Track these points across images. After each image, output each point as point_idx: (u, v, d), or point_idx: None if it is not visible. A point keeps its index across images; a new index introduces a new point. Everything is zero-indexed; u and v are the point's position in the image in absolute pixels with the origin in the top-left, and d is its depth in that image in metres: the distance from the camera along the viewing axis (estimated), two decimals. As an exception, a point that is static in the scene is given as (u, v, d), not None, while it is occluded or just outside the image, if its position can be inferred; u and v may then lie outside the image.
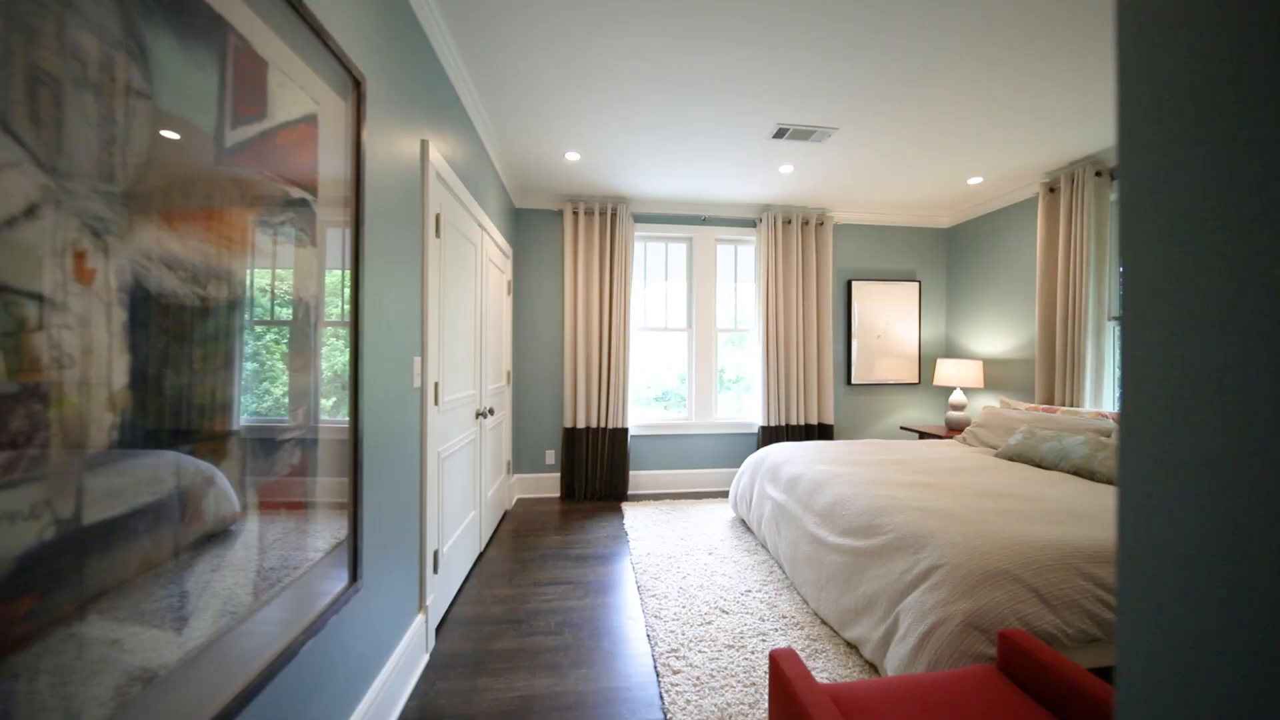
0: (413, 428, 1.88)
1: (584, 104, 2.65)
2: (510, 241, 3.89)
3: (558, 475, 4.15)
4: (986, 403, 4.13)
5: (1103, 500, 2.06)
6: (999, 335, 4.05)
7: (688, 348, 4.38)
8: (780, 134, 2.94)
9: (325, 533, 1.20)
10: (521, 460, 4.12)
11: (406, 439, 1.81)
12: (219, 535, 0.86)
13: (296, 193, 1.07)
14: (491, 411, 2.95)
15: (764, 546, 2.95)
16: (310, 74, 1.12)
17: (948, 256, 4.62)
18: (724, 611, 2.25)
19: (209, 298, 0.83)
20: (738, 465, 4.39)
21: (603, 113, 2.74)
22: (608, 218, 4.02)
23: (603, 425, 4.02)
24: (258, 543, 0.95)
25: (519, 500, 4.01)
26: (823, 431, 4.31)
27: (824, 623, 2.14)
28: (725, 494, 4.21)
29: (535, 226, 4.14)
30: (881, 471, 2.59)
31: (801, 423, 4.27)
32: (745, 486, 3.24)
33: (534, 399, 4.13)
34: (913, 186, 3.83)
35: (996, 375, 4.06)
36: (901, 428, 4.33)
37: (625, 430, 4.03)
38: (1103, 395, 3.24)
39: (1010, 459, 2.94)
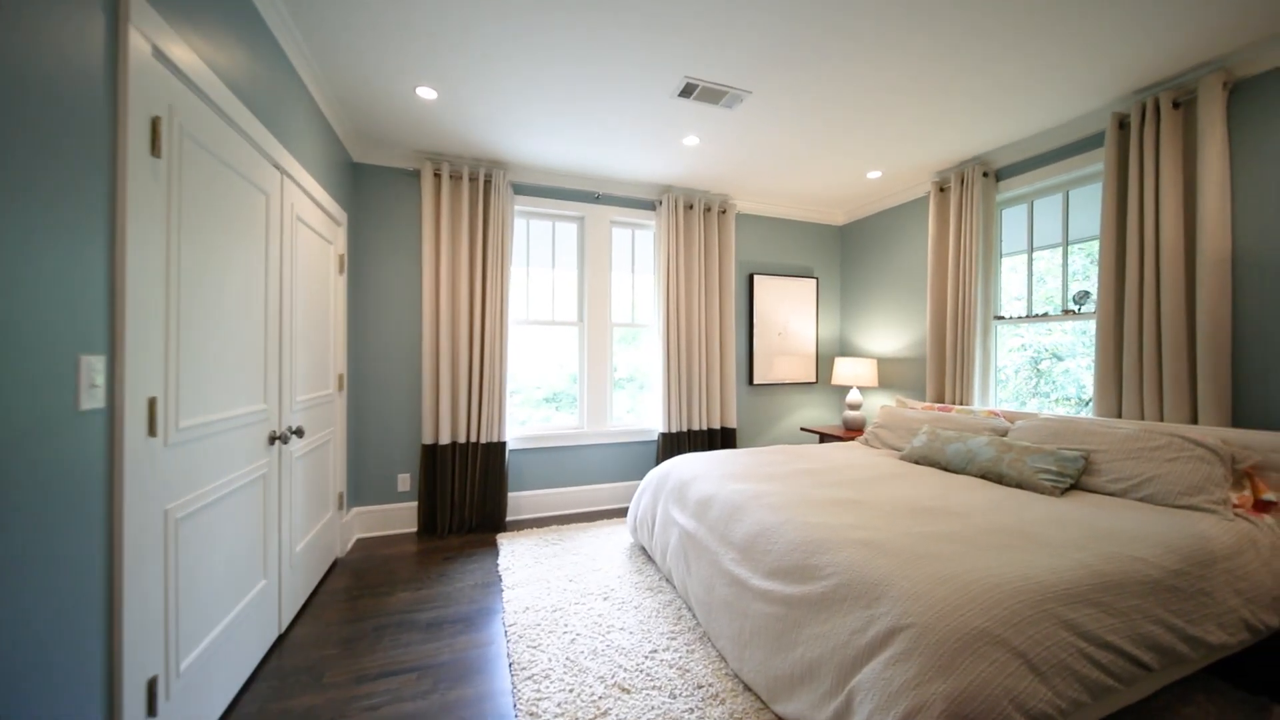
0: (86, 476, 1.06)
1: (439, 13, 1.93)
2: (345, 204, 2.97)
3: (414, 505, 3.31)
4: (880, 401, 4.13)
5: (1031, 511, 1.89)
6: (891, 334, 4.06)
7: (579, 344, 3.79)
8: (688, 92, 2.49)
9: None
10: (362, 490, 3.21)
11: (59, 497, 0.99)
12: None
13: None
14: (300, 432, 2.09)
15: (669, 582, 2.48)
16: None
17: (841, 254, 4.61)
18: (625, 690, 1.70)
19: None
20: (636, 478, 3.91)
21: (465, 31, 2.05)
22: (480, 185, 3.28)
23: (474, 440, 3.27)
24: None
25: (358, 542, 3.10)
26: (725, 437, 4.00)
27: (749, 689, 1.70)
28: (623, 512, 3.70)
29: (383, 189, 3.25)
30: (800, 487, 2.25)
31: (704, 428, 3.91)
32: (646, 509, 2.75)
33: (381, 410, 3.24)
34: (816, 176, 3.65)
35: (889, 374, 4.07)
36: (802, 429, 4.18)
37: (503, 445, 3.32)
38: (989, 393, 3.30)
39: (916, 462, 2.81)
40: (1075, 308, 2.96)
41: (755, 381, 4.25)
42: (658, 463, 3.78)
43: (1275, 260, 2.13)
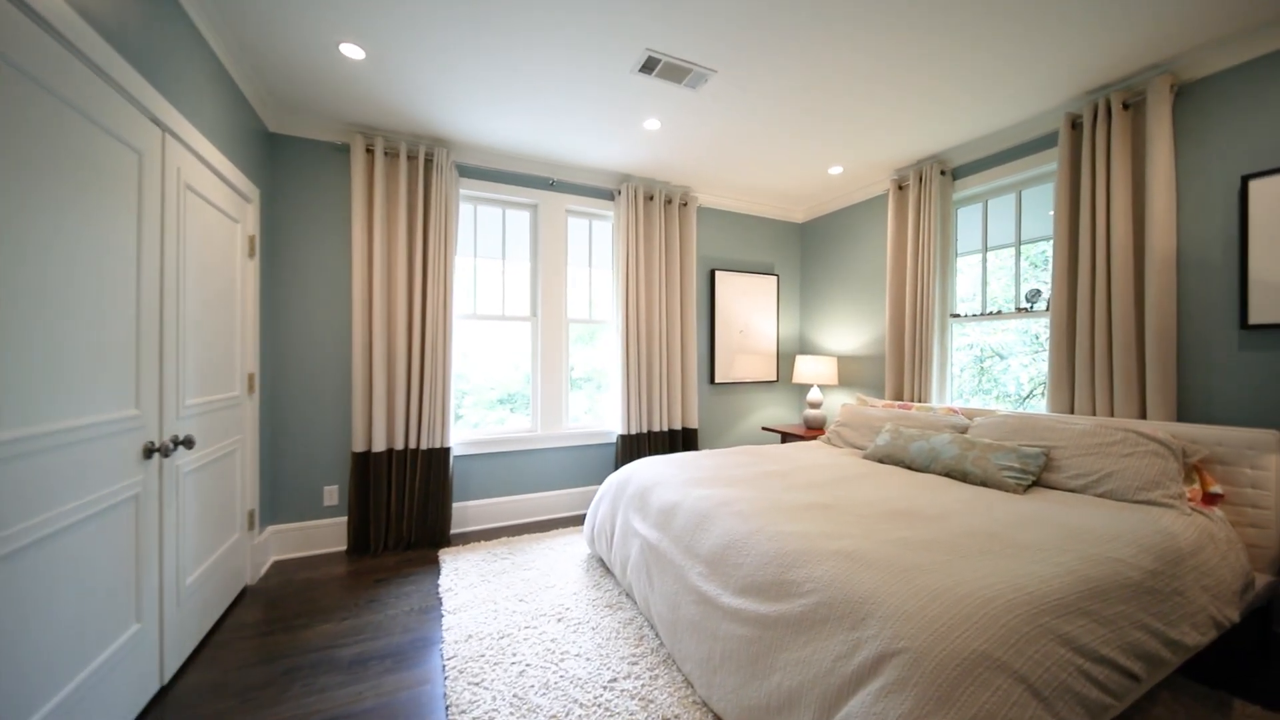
0: None
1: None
2: (257, 179, 2.60)
3: (343, 521, 2.95)
4: (840, 400, 4.11)
5: (1000, 511, 1.83)
6: (850, 332, 4.05)
7: (532, 341, 3.54)
8: (649, 67, 2.31)
9: None
10: (281, 506, 2.82)
11: None
12: None
13: None
14: (190, 442, 1.74)
15: (630, 597, 2.29)
16: None
17: (801, 251, 4.58)
18: (580, 730, 1.50)
19: None
20: (594, 483, 3.69)
21: (391, -27, 1.77)
22: (420, 164, 2.97)
23: (414, 446, 2.95)
24: None
25: (275, 566, 2.72)
26: (687, 438, 3.86)
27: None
28: (580, 519, 3.48)
29: (306, 164, 2.88)
30: (769, 491, 2.12)
31: (665, 429, 3.75)
32: (605, 517, 2.55)
33: (303, 414, 2.87)
34: (779, 170, 3.57)
35: (849, 372, 4.05)
36: (763, 428, 4.10)
37: (446, 451, 3.02)
38: (946, 391, 3.32)
39: (880, 461, 2.76)
40: (1028, 305, 3.01)
41: (717, 380, 4.13)
42: (617, 466, 3.59)
43: (1215, 260, 2.20)
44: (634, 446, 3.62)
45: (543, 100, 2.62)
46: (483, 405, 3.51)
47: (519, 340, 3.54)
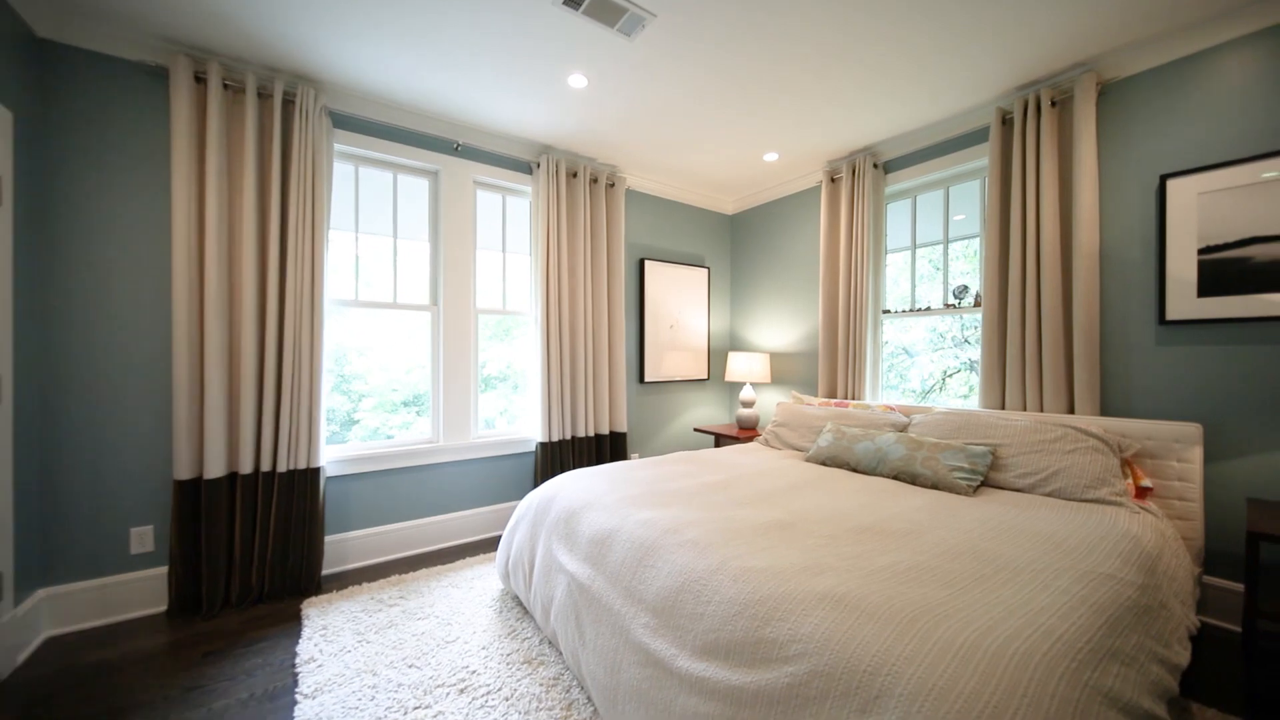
0: None
1: None
2: (8, 97, 1.81)
3: (163, 572, 2.21)
4: (773, 398, 3.97)
5: (963, 520, 1.67)
6: (783, 328, 3.92)
7: (433, 335, 2.96)
8: (576, 1, 1.89)
9: None
10: (59, 560, 2.03)
11: None
12: None
13: None
14: None
15: (554, 645, 1.87)
16: None
17: (732, 244, 4.39)
18: None
19: None
20: (510, 499, 3.20)
21: None
22: (276, 104, 2.30)
23: (269, 468, 2.29)
24: None
25: (48, 645, 1.94)
26: (615, 443, 3.49)
27: (675, 823, 1.18)
28: (494, 544, 2.97)
29: (97, 89, 2.10)
30: (719, 509, 1.80)
31: (591, 433, 3.35)
32: (522, 545, 2.10)
33: (96, 433, 2.09)
34: (714, 152, 3.31)
35: (781, 369, 3.92)
36: (695, 429, 3.85)
37: (316, 472, 2.38)
38: (879, 388, 3.26)
39: (823, 463, 2.58)
40: (955, 301, 3.01)
41: (646, 379, 3.81)
42: (537, 481, 3.12)
43: (1135, 256, 2.25)
44: (556, 456, 3.18)
45: (441, 36, 2.10)
46: (383, 408, 2.88)
47: (417, 333, 2.94)
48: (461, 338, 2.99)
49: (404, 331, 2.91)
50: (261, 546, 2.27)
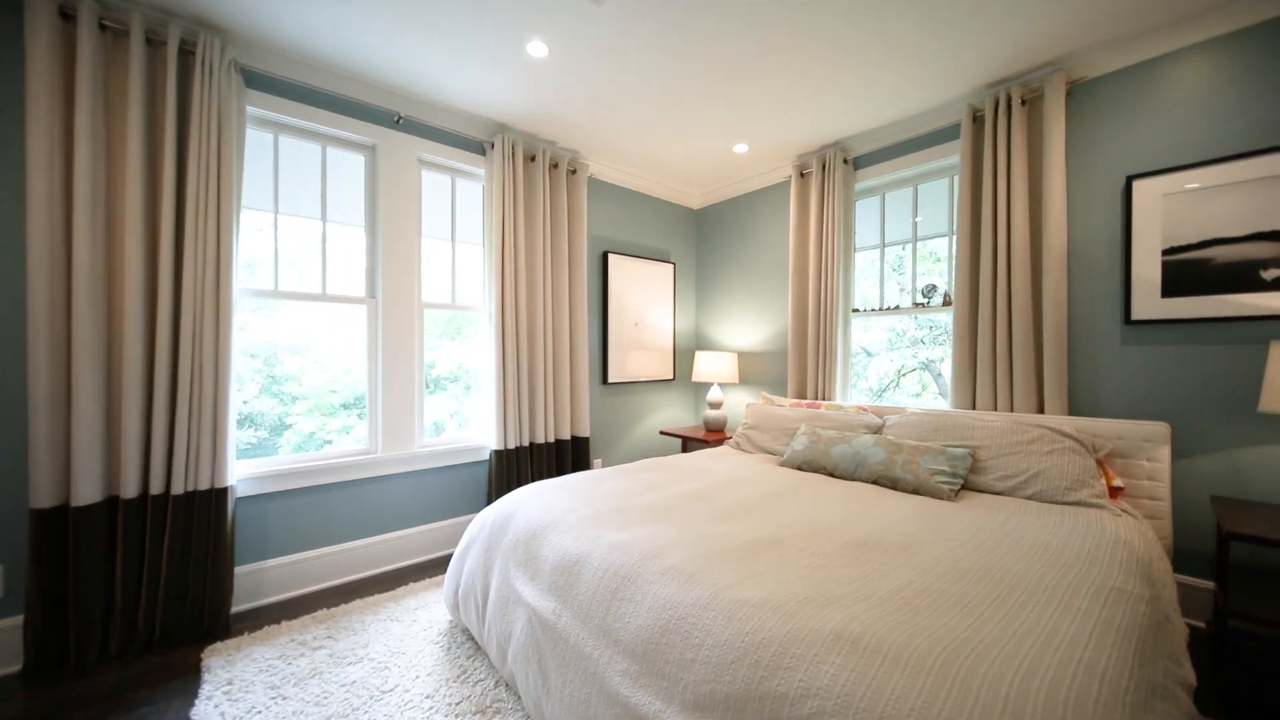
0: None
1: None
2: None
3: (17, 624, 1.79)
4: (741, 398, 3.85)
5: (954, 529, 1.57)
6: (751, 327, 3.81)
7: (370, 331, 2.62)
8: (535, -53, 1.66)
9: None
10: None
11: None
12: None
13: None
14: None
15: (511, 688, 1.62)
16: None
17: (698, 240, 4.25)
18: None
19: None
20: (461, 513, 2.90)
21: None
22: (172, 54, 1.92)
23: (161, 490, 1.90)
24: None
25: None
26: (578, 449, 3.25)
27: None
28: (444, 563, 2.67)
29: (-75, 18, 1.66)
30: (697, 523, 1.62)
31: (551, 439, 3.10)
32: (474, 572, 1.83)
33: (-76, 449, 1.65)
34: (682, 140, 3.14)
35: (749, 369, 3.81)
36: (662, 432, 3.67)
37: (224, 492, 2.01)
38: (848, 388, 3.20)
39: (799, 468, 2.47)
40: (924, 301, 2.98)
41: (610, 380, 3.60)
42: (491, 494, 2.85)
43: (1101, 256, 2.26)
44: (513, 464, 2.91)
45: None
46: (321, 410, 2.53)
47: (356, 329, 2.60)
48: (404, 334, 2.67)
49: (342, 327, 2.56)
50: (151, 584, 1.88)
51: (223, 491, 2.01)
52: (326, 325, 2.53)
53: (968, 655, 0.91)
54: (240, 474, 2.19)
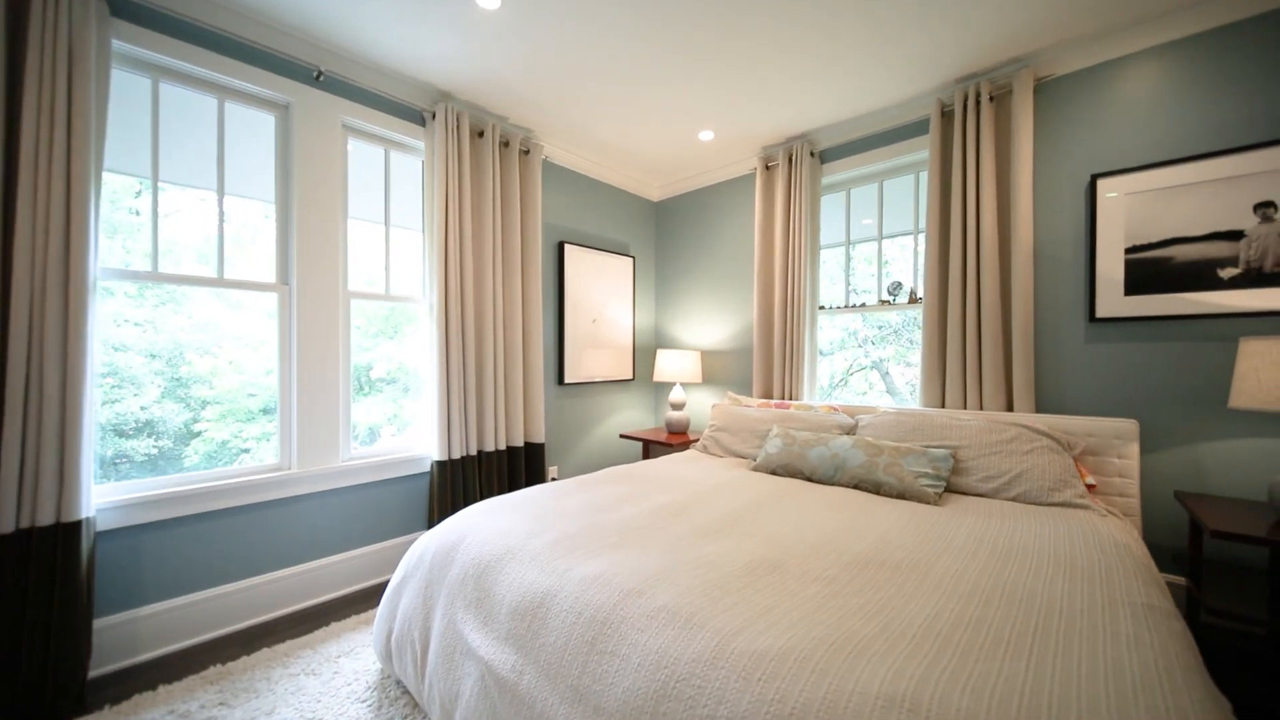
0: None
1: None
2: None
3: None
4: (703, 399, 3.69)
5: (956, 538, 1.46)
6: (713, 324, 3.65)
7: (282, 324, 2.21)
8: None
9: None
10: None
11: None
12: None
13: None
14: None
15: (460, 756, 1.33)
16: None
17: (657, 234, 4.05)
18: None
19: None
20: (397, 534, 2.52)
21: None
22: (-6, -43, 1.46)
23: (-22, 529, 1.44)
24: None
25: None
26: (531, 457, 2.96)
27: None
28: (374, 595, 2.30)
29: None
30: (678, 543, 1.41)
31: (502, 446, 2.79)
32: (411, 614, 1.52)
33: None
34: (646, 123, 2.92)
35: (713, 368, 3.65)
36: (622, 436, 3.44)
37: (76, 526, 1.57)
38: (815, 386, 3.10)
39: (773, 473, 2.32)
40: (890, 298, 2.94)
41: (566, 380, 3.32)
42: (433, 514, 2.50)
43: (1067, 254, 2.26)
44: (459, 477, 2.57)
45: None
46: (237, 416, 2.08)
47: (270, 324, 2.17)
48: (325, 327, 2.28)
49: (260, 323, 2.13)
50: (-37, 655, 1.42)
51: (73, 526, 1.57)
52: (243, 321, 2.10)
53: (1001, 700, 0.74)
54: (105, 499, 1.74)
